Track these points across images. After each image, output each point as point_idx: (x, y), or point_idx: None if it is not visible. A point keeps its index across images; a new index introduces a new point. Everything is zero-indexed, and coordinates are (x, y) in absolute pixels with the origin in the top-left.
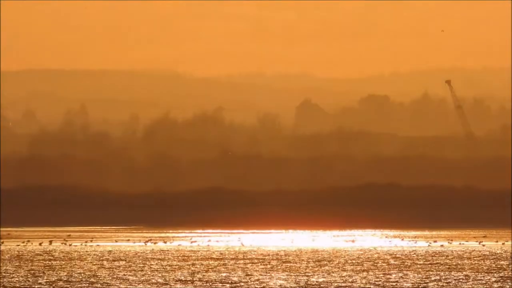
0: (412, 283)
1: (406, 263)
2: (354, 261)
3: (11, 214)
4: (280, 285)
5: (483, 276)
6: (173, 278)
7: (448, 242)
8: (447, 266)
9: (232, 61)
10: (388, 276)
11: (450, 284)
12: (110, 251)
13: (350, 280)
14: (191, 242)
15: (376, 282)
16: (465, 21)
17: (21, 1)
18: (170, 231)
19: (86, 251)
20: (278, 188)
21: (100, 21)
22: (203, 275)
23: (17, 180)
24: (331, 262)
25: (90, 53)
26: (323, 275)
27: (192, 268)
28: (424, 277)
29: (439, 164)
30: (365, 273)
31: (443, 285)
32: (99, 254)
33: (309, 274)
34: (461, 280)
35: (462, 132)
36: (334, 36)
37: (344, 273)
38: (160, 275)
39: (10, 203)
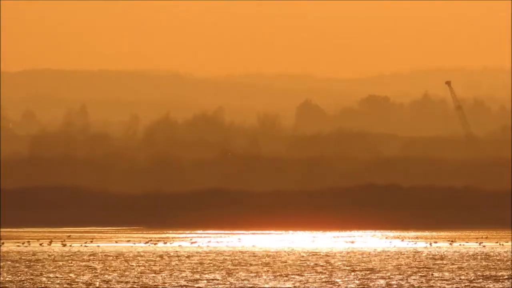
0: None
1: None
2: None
3: (11, 215)
4: None
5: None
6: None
7: (449, 243)
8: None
9: (232, 61)
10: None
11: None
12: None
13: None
14: (191, 242)
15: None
16: (465, 21)
17: (21, 1)
18: (170, 231)
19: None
20: (278, 188)
21: (100, 21)
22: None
23: (17, 180)
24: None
25: (90, 53)
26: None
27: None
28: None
29: (439, 165)
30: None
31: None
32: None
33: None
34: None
35: (462, 133)
36: (334, 36)
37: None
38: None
39: (10, 204)
